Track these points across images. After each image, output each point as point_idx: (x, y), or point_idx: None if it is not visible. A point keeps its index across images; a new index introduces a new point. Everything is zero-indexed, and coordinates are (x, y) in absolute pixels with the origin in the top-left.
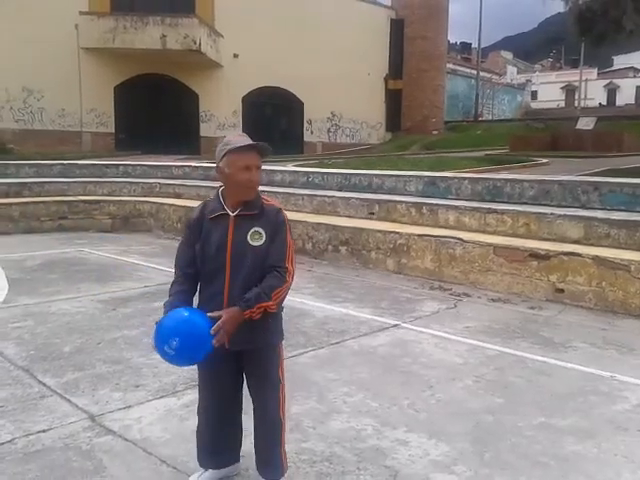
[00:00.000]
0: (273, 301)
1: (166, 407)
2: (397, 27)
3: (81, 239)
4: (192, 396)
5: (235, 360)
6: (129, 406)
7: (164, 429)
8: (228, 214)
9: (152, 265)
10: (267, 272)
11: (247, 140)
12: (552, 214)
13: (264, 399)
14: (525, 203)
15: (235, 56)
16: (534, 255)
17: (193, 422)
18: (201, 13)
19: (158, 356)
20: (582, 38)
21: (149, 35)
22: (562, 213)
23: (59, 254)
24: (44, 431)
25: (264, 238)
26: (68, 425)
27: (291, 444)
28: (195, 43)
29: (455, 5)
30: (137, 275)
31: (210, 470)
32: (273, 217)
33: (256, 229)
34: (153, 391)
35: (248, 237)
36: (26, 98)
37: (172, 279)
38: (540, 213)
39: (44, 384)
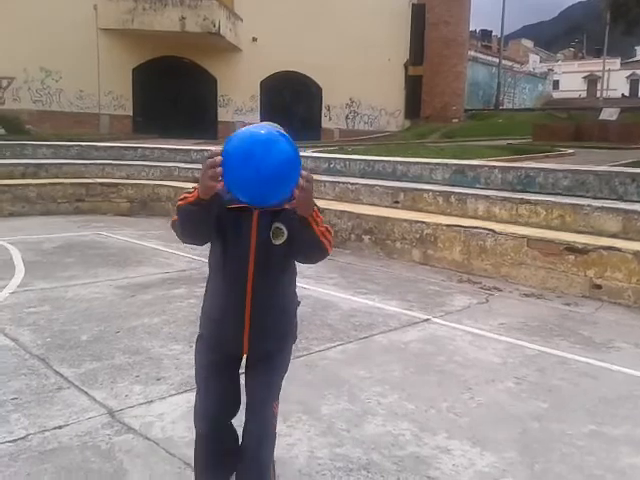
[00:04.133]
0: (329, 235)
1: (189, 403)
2: (418, 12)
3: (98, 222)
4: None
5: (237, 368)
6: (150, 401)
7: (187, 428)
8: (250, 208)
9: (171, 250)
10: None
11: None
12: (589, 206)
13: (262, 409)
14: (559, 194)
15: (254, 40)
16: (571, 249)
17: None
18: None
19: (179, 347)
20: (613, 24)
21: (168, 17)
22: (599, 205)
23: (76, 237)
24: (60, 427)
25: (285, 236)
26: (86, 421)
27: (324, 449)
28: (214, 26)
29: None
30: (156, 260)
31: None
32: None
33: (277, 225)
34: (175, 385)
35: (271, 235)
36: (44, 79)
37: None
38: (576, 204)
39: (61, 375)
